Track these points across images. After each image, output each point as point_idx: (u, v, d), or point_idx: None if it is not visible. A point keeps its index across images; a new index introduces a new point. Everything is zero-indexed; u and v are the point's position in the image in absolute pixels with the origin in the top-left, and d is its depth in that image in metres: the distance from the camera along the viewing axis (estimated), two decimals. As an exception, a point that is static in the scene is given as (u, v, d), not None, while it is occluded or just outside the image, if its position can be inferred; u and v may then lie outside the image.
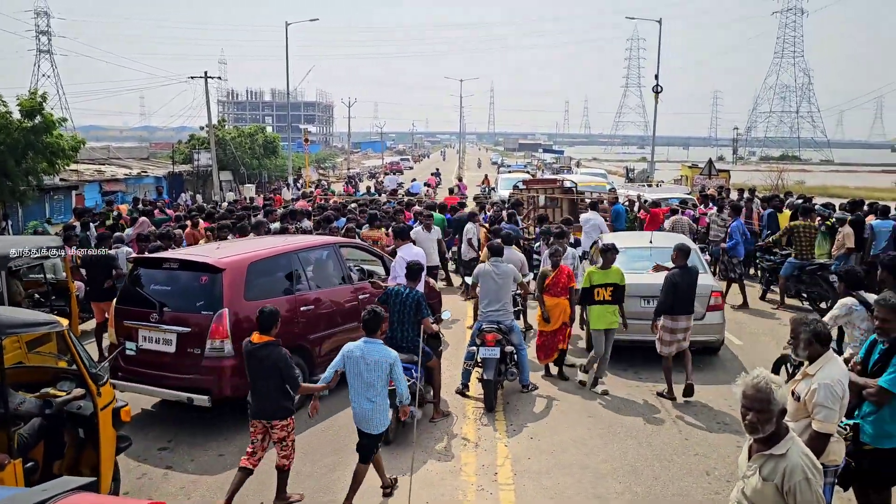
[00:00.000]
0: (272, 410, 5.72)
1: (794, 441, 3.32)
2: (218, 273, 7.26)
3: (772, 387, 3.26)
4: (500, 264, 8.47)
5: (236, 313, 7.17)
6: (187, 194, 32.02)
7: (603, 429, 7.43)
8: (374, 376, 5.66)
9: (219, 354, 7.06)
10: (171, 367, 7.21)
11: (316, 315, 8.13)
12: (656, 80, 37.50)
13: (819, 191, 41.60)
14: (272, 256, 8.05)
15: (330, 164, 72.23)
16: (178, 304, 7.38)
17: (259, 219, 12.58)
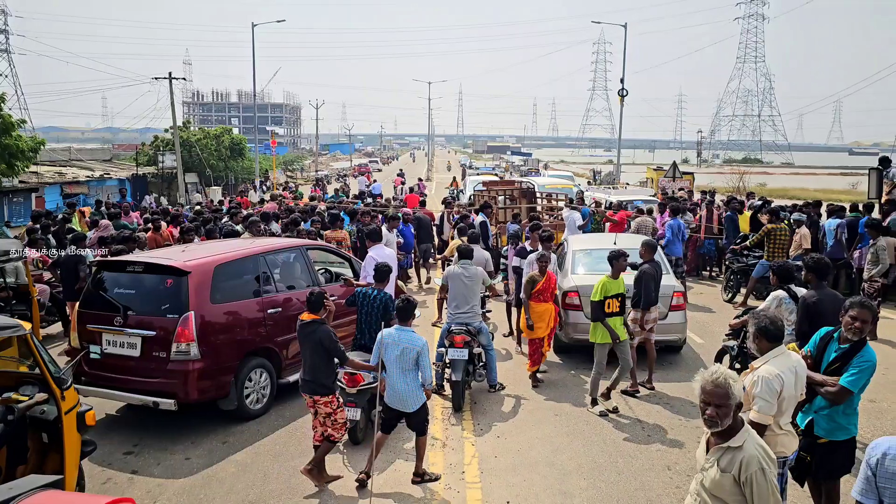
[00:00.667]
0: (315, 387, 6.17)
1: (750, 433, 3.45)
2: (184, 276, 7.20)
3: (730, 382, 3.38)
4: (469, 267, 8.61)
5: (202, 316, 7.14)
6: (151, 197, 31.59)
7: (569, 427, 7.55)
8: (405, 361, 6.06)
9: (185, 358, 7.01)
10: (137, 371, 7.13)
11: (283, 317, 8.06)
12: (622, 84, 38.06)
13: (780, 193, 42.51)
14: (239, 259, 8.02)
15: (298, 167, 71.78)
16: (142, 307, 7.30)
17: (253, 218, 12.52)
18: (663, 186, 24.41)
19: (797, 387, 4.53)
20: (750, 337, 4.67)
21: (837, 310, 5.23)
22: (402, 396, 6.11)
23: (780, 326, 4.60)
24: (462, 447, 7.07)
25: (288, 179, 51.07)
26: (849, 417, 4.85)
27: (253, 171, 42.80)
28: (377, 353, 6.17)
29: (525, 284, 8.79)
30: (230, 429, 7.45)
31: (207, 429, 7.44)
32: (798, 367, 4.57)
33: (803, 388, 4.67)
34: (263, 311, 7.88)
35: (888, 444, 3.44)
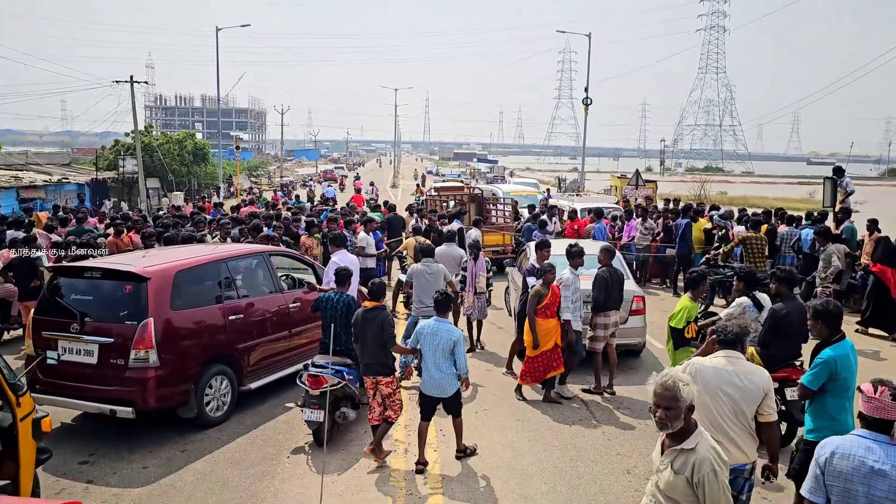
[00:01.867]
0: (378, 368, 6.76)
1: (703, 436, 3.51)
2: (143, 282, 7.10)
3: (679, 384, 3.43)
4: (431, 264, 9.24)
5: (162, 323, 7.04)
6: (111, 202, 31.01)
7: (531, 432, 7.60)
8: (442, 350, 6.54)
9: (143, 365, 6.90)
10: (94, 379, 7.00)
11: (245, 324, 8.02)
12: (586, 93, 38.53)
13: (740, 201, 43.31)
14: (200, 265, 7.91)
15: (263, 172, 71.14)
16: (100, 313, 7.18)
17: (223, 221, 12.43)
18: (626, 194, 24.74)
19: (736, 398, 4.42)
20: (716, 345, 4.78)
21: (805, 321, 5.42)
22: (439, 383, 6.60)
23: (736, 333, 4.61)
24: (425, 454, 7.05)
25: (252, 185, 50.57)
26: (834, 419, 4.91)
27: (216, 177, 42.30)
28: (415, 340, 6.74)
29: (530, 299, 8.32)
30: (189, 437, 7.34)
31: (165, 437, 7.32)
32: (740, 379, 4.46)
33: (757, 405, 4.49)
34: (225, 318, 7.79)
35: (836, 443, 3.55)
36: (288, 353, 8.69)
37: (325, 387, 6.86)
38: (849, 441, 3.52)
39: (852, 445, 3.48)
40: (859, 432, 3.54)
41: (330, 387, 6.87)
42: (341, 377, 7.08)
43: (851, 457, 3.45)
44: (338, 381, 7.01)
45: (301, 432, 7.52)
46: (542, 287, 8.27)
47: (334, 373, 7.04)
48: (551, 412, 8.17)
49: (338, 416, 7.25)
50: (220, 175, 42.35)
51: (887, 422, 3.46)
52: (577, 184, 42.87)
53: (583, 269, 8.96)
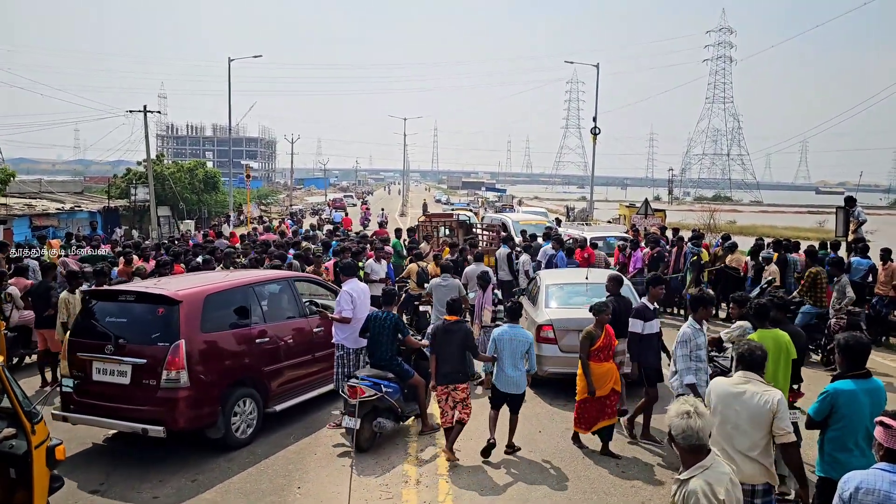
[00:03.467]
0: (457, 376, 7.52)
1: (704, 471, 3.43)
2: (175, 305, 7.33)
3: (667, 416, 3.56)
4: (448, 279, 10.48)
5: (192, 345, 7.24)
6: (121, 230, 31.22)
7: (541, 462, 7.51)
8: (517, 352, 7.47)
9: (174, 385, 7.08)
10: (126, 399, 7.19)
11: (271, 347, 8.27)
12: (594, 123, 38.74)
13: (750, 230, 43.23)
14: (229, 289, 8.20)
15: (272, 201, 71.58)
16: (133, 335, 7.41)
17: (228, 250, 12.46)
18: (635, 223, 24.73)
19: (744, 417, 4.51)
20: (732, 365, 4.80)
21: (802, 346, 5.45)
22: (515, 381, 7.48)
23: (757, 355, 4.69)
24: (436, 484, 7.00)
25: (262, 213, 50.85)
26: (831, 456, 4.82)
27: (227, 205, 42.57)
28: (493, 347, 7.58)
29: (582, 342, 7.69)
30: (200, 466, 7.30)
31: (177, 467, 7.29)
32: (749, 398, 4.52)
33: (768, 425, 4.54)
34: (252, 341, 8.04)
35: (860, 477, 3.50)
36: (311, 376, 8.97)
37: (362, 397, 7.50)
38: (873, 475, 3.48)
39: (877, 479, 3.44)
40: (882, 466, 3.49)
41: (366, 398, 7.50)
42: (378, 389, 7.68)
43: (876, 491, 3.41)
44: (374, 393, 7.62)
45: (312, 463, 7.48)
46: (595, 328, 7.68)
47: (372, 385, 7.68)
48: (563, 443, 8.07)
49: (375, 425, 7.75)
50: (231, 203, 42.62)
51: None
52: (586, 213, 42.90)
53: (586, 298, 9.13)
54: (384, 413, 7.85)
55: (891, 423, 3.47)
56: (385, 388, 7.81)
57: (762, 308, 6.76)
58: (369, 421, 7.71)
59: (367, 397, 7.58)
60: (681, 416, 3.44)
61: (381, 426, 7.80)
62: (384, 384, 7.83)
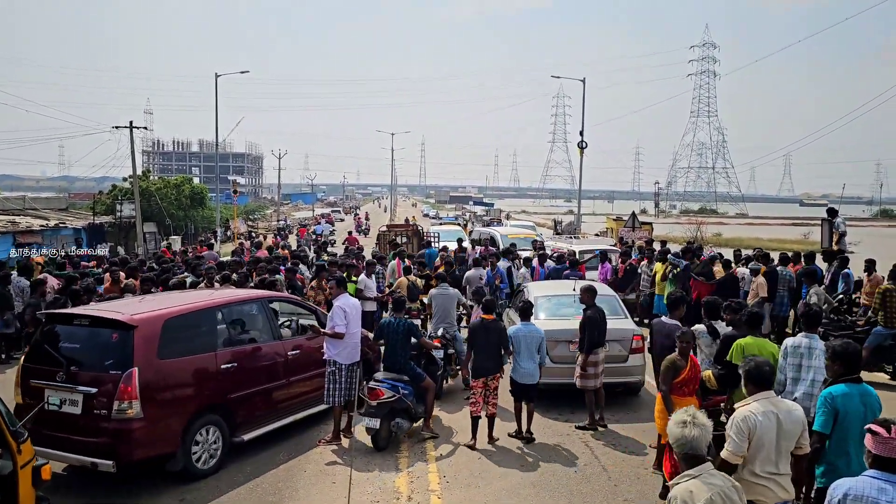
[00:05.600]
0: (493, 367, 8.31)
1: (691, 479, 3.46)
2: (129, 330, 6.90)
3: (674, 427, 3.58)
4: (448, 289, 11.00)
5: (148, 372, 6.79)
6: (107, 246, 30.95)
7: (535, 477, 7.46)
8: (532, 346, 8.31)
9: (126, 416, 6.63)
10: (77, 430, 6.74)
11: (239, 373, 7.79)
12: (581, 137, 38.86)
13: (735, 242, 43.42)
14: (192, 312, 7.71)
15: (259, 216, 71.34)
16: (86, 362, 6.99)
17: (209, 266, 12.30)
18: (623, 236, 24.82)
19: (782, 435, 4.48)
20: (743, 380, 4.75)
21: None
22: (530, 372, 8.30)
23: (766, 371, 4.67)
24: (428, 500, 6.93)
25: (249, 229, 50.65)
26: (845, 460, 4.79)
27: (214, 221, 42.38)
28: (510, 341, 8.34)
29: (663, 373, 6.78)
30: (188, 485, 7.17)
31: (164, 485, 7.16)
32: (784, 415, 4.52)
33: (795, 440, 4.56)
34: (217, 367, 7.56)
35: (849, 484, 3.52)
36: (286, 402, 8.51)
37: (381, 399, 8.00)
38: (861, 482, 3.50)
39: (864, 486, 3.46)
40: (871, 473, 3.51)
41: (385, 399, 8.01)
42: (396, 391, 8.12)
43: (865, 498, 3.44)
44: (393, 395, 8.07)
45: (302, 481, 7.39)
46: (679, 358, 6.73)
47: (390, 387, 8.13)
48: (555, 457, 8.05)
49: (393, 425, 8.17)
50: (218, 219, 42.41)
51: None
52: (574, 226, 43.02)
53: (574, 310, 9.45)
54: (401, 414, 8.25)
55: (879, 431, 3.50)
56: (402, 389, 8.23)
57: (755, 316, 7.02)
58: (387, 421, 8.12)
59: (387, 399, 8.03)
60: (678, 425, 3.47)
61: (399, 426, 8.21)
62: (401, 386, 8.25)
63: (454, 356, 10.41)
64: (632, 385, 10.13)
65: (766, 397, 4.59)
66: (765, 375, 4.66)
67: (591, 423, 8.91)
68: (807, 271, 11.83)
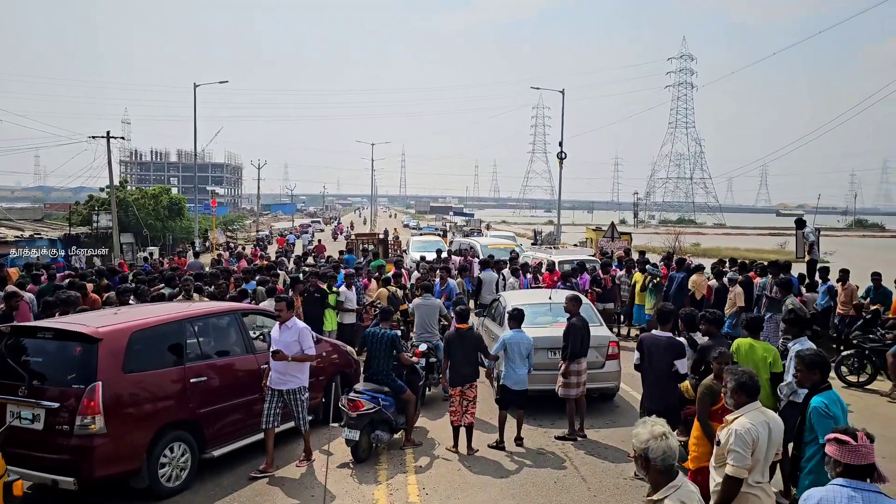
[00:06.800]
0: (468, 376, 8.44)
1: (676, 490, 3.44)
2: (94, 343, 6.73)
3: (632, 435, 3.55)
4: (430, 299, 11.09)
5: (112, 387, 6.63)
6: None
7: (515, 488, 7.45)
8: (523, 353, 8.50)
9: (89, 432, 6.44)
10: (39, 446, 6.52)
11: (209, 387, 7.63)
12: (560, 147, 39.12)
13: (714, 252, 43.92)
14: (159, 325, 7.53)
15: (239, 226, 70.86)
16: (49, 376, 6.83)
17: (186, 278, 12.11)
18: (602, 246, 24.97)
19: (770, 444, 4.53)
20: (728, 392, 4.72)
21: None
22: (522, 379, 8.49)
23: (757, 382, 4.70)
24: (406, 513, 6.89)
25: (228, 239, 50.30)
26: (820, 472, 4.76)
27: (192, 232, 42.03)
28: (500, 347, 8.58)
29: (701, 399, 6.13)
30: (161, 500, 7.05)
31: (136, 500, 7.05)
32: (773, 424, 4.58)
33: (779, 448, 4.67)
34: (186, 381, 7.38)
35: (820, 495, 3.54)
36: (259, 417, 8.24)
37: (361, 410, 7.98)
38: (832, 491, 3.51)
39: (836, 496, 3.48)
40: (840, 482, 3.52)
41: (365, 411, 7.99)
42: (376, 403, 8.11)
43: None
44: (372, 406, 8.05)
45: (280, 495, 7.31)
46: (716, 382, 6.09)
47: (370, 398, 8.12)
48: (535, 467, 8.05)
49: (373, 437, 8.18)
50: (196, 230, 42.07)
51: (867, 467, 3.49)
52: (553, 236, 43.21)
53: (560, 317, 9.58)
54: (381, 425, 8.25)
55: (847, 440, 3.53)
56: (382, 401, 8.22)
57: (754, 320, 7.48)
58: (367, 433, 8.13)
59: (366, 410, 8.04)
60: (658, 439, 3.44)
61: (379, 438, 8.22)
62: (381, 397, 8.24)
63: (436, 364, 10.49)
64: (607, 391, 10.36)
65: (756, 408, 4.63)
66: (757, 386, 4.70)
67: (571, 432, 8.97)
68: (782, 281, 11.97)
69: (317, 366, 9.30)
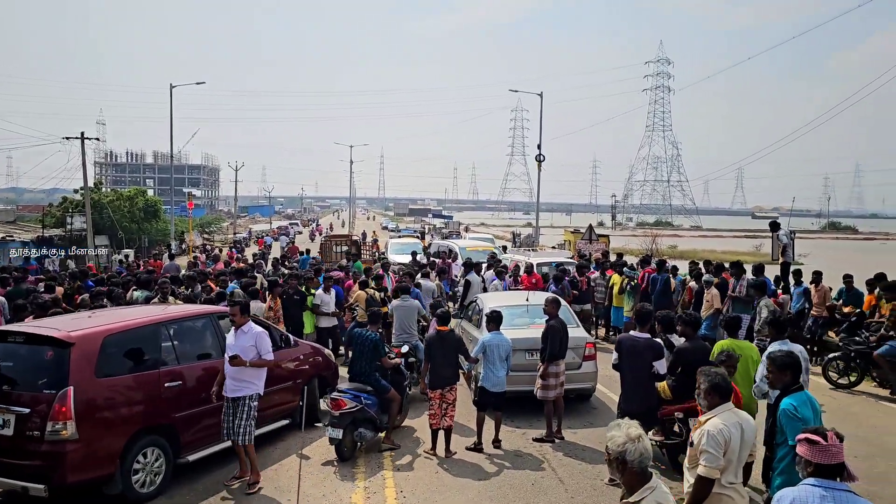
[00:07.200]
0: (448, 378, 8.41)
1: (652, 492, 3.45)
2: (66, 347, 6.61)
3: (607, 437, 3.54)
4: (408, 300, 11.20)
5: (84, 392, 6.52)
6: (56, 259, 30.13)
7: (493, 491, 7.44)
8: (503, 355, 8.52)
9: (60, 438, 6.32)
10: (9, 453, 6.40)
11: (184, 391, 7.53)
12: (539, 150, 39.28)
13: (690, 254, 44.30)
14: (134, 328, 7.44)
15: (216, 228, 70.28)
16: (20, 381, 6.71)
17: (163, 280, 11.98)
18: (580, 248, 25.09)
19: (743, 445, 4.55)
20: (702, 393, 4.71)
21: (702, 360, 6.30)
22: (500, 381, 8.53)
23: (730, 383, 4.73)
24: (384, 516, 6.86)
25: (205, 242, 49.86)
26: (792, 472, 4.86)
27: (168, 234, 41.62)
28: (480, 350, 8.59)
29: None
30: (136, 506, 6.97)
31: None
32: (745, 424, 4.60)
33: (752, 448, 4.70)
34: (160, 385, 7.29)
35: (793, 495, 3.57)
36: None
37: (344, 409, 8.11)
38: (804, 491, 3.54)
39: (807, 496, 3.51)
40: (811, 481, 3.55)
41: (347, 409, 8.13)
42: (359, 401, 8.27)
43: None
44: (355, 405, 8.21)
45: (256, 498, 7.24)
46: None
47: (353, 397, 8.26)
48: (512, 469, 8.05)
49: (356, 435, 8.29)
50: (172, 232, 41.66)
51: (837, 467, 3.53)
52: (532, 239, 43.37)
53: (537, 318, 9.63)
54: (364, 424, 8.37)
55: (817, 440, 3.56)
56: (365, 400, 8.37)
57: (733, 320, 7.76)
58: (350, 431, 8.23)
59: (349, 409, 8.17)
60: (634, 441, 3.44)
61: (362, 436, 8.34)
62: (364, 396, 8.39)
63: (415, 364, 10.54)
64: (584, 391, 10.43)
65: (728, 409, 4.64)
66: (729, 386, 4.73)
67: (549, 434, 8.99)
68: (756, 283, 12.10)
69: (295, 369, 9.28)
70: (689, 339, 7.51)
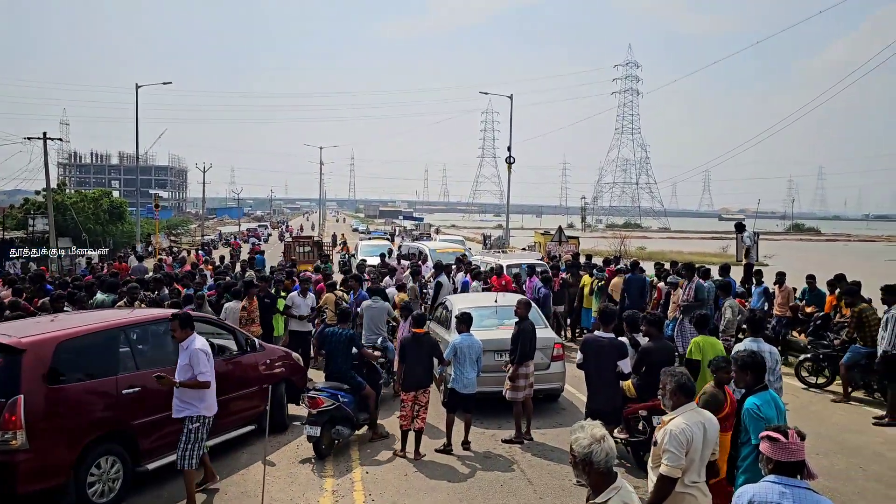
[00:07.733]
0: (422, 381, 8.44)
1: (618, 492, 3.46)
2: (17, 354, 6.40)
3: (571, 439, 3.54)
4: (378, 301, 11.30)
5: (35, 399, 6.32)
6: (18, 262, 29.46)
7: (462, 492, 7.43)
8: (473, 357, 8.54)
9: (10, 447, 6.12)
10: None
11: (143, 397, 7.27)
12: (509, 152, 39.47)
13: (658, 256, 44.81)
14: (90, 333, 7.21)
15: (183, 231, 69.34)
16: None
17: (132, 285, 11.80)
18: (550, 250, 25.22)
19: (706, 444, 4.59)
20: (667, 394, 4.73)
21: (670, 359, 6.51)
22: (472, 382, 8.51)
23: (693, 383, 4.77)
24: (352, 520, 6.81)
25: (172, 244, 49.18)
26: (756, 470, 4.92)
27: (134, 236, 40.97)
28: (451, 352, 8.55)
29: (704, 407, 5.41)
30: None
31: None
32: (708, 424, 4.64)
33: (715, 448, 4.73)
34: (118, 391, 7.07)
35: (753, 491, 3.62)
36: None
37: (321, 407, 8.24)
38: (764, 488, 3.59)
39: (767, 492, 3.55)
40: (772, 478, 3.60)
41: (325, 408, 8.25)
42: (336, 399, 8.38)
43: (769, 503, 3.51)
44: (332, 403, 8.32)
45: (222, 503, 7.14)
46: (718, 390, 5.89)
47: (329, 395, 8.35)
48: (482, 471, 8.05)
49: (334, 433, 8.43)
50: (138, 234, 41.01)
51: (798, 464, 3.58)
52: (503, 240, 43.51)
53: (506, 319, 9.78)
54: (342, 421, 8.49)
55: (778, 437, 3.62)
56: (342, 398, 8.48)
57: (703, 318, 7.90)
58: (328, 429, 8.35)
59: (326, 407, 8.29)
60: (599, 441, 3.45)
61: (340, 433, 8.48)
62: (341, 395, 8.51)
63: (386, 363, 10.67)
64: (553, 392, 10.52)
65: (691, 408, 4.68)
66: (693, 387, 4.77)
67: (518, 435, 9.01)
68: (721, 284, 12.26)
69: (260, 374, 9.16)
70: (652, 338, 7.61)
